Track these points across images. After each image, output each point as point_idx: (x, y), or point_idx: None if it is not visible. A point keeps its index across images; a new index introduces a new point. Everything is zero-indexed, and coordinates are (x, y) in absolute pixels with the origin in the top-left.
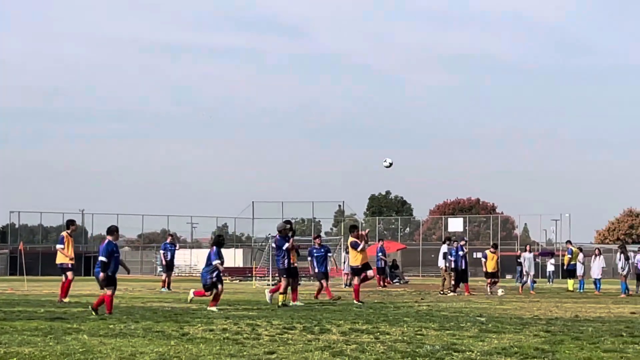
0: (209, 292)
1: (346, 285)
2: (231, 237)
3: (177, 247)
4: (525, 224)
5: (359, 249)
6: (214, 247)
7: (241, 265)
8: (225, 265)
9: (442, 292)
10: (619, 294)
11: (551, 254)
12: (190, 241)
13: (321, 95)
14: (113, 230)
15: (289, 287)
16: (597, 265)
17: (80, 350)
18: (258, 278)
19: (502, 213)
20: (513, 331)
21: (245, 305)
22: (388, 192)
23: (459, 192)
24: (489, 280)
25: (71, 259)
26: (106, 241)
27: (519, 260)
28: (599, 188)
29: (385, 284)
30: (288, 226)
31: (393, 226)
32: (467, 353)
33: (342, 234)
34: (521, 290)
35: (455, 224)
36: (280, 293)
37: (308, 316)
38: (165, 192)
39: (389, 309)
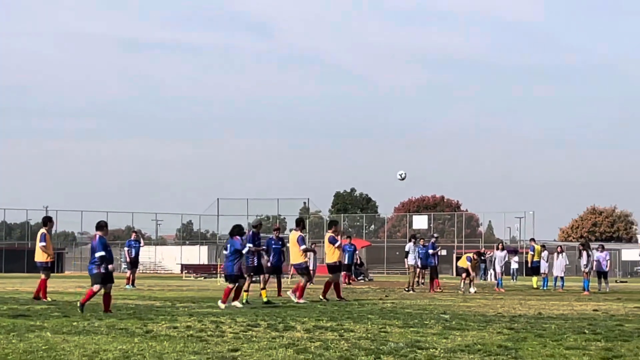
0: (232, 285)
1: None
2: (196, 234)
3: (141, 244)
4: (490, 221)
5: (336, 244)
6: (238, 237)
7: (206, 262)
8: (190, 262)
9: (407, 289)
10: (582, 291)
11: (515, 252)
12: (155, 238)
13: (289, 93)
14: (103, 226)
15: (263, 283)
16: (559, 263)
17: (44, 347)
18: (223, 275)
19: (466, 210)
20: (477, 328)
21: (210, 303)
22: (353, 190)
23: (424, 190)
24: (464, 276)
25: (52, 258)
26: (97, 237)
27: (482, 257)
28: (563, 186)
29: (350, 281)
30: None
31: (358, 223)
32: (431, 350)
33: (308, 231)
34: (499, 289)
35: (420, 222)
36: (245, 290)
37: (272, 313)
38: (130, 188)
39: (353, 306)
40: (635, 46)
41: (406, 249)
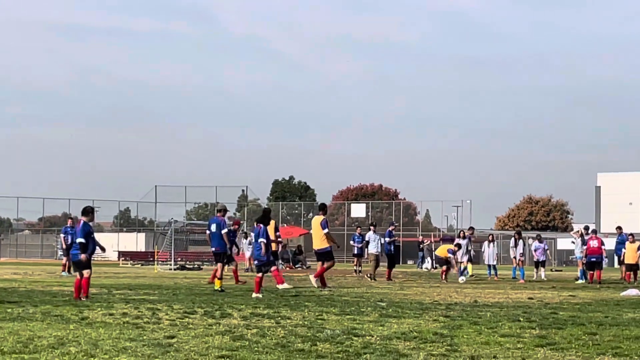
0: (261, 274)
1: (247, 270)
2: (133, 221)
3: None
4: (427, 210)
5: (325, 230)
6: (262, 225)
7: (143, 249)
8: (128, 249)
9: (370, 278)
10: (518, 279)
11: (452, 240)
12: (92, 225)
13: (227, 79)
14: (88, 211)
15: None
16: (491, 252)
17: None
18: (160, 262)
19: (404, 199)
20: (413, 316)
21: (146, 290)
22: (292, 177)
23: (362, 178)
24: (444, 268)
25: None
26: (82, 222)
27: (420, 246)
28: (500, 175)
29: (287, 268)
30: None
31: (296, 211)
32: (367, 338)
33: (246, 218)
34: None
35: (358, 210)
36: (218, 278)
37: (209, 300)
38: (66, 175)
39: (290, 293)
40: (572, 36)
41: (366, 238)
